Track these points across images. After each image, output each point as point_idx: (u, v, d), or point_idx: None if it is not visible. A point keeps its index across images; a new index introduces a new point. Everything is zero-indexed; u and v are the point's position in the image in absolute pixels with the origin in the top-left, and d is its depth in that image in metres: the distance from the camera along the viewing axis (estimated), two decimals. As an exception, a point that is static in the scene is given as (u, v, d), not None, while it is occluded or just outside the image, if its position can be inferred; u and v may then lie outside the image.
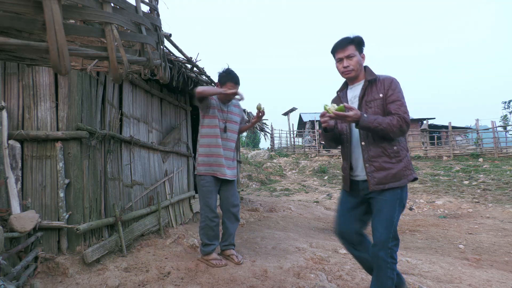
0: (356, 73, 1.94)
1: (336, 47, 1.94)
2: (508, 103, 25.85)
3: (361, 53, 1.95)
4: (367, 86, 1.92)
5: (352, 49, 1.90)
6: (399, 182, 1.81)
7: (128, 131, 3.37)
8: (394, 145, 1.84)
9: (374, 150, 1.85)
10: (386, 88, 1.86)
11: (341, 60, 1.93)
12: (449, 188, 10.24)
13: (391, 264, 1.83)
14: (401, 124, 1.74)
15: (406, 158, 1.87)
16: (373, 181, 1.83)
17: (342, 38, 1.93)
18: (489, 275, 3.00)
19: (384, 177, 1.81)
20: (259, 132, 9.04)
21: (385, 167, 1.82)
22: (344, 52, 1.91)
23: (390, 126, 1.73)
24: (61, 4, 0.66)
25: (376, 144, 1.85)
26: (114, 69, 0.82)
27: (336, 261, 3.10)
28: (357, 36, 1.92)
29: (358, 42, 1.92)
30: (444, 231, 5.62)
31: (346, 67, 1.92)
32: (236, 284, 2.41)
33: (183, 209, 4.57)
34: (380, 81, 1.90)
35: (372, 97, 1.89)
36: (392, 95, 1.84)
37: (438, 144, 20.63)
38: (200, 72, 4.12)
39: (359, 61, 1.92)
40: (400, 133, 1.78)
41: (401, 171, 1.83)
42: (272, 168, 15.64)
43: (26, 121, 2.57)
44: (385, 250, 1.81)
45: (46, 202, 2.53)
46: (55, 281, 2.24)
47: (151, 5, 1.02)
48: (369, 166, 1.86)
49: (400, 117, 1.75)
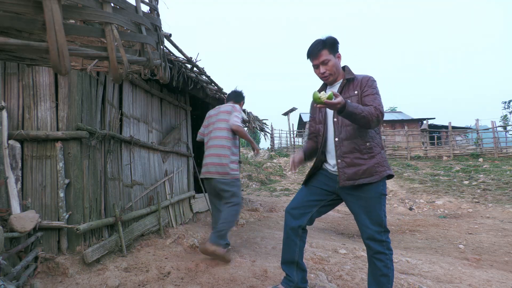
0: (334, 76, 1.98)
1: (309, 54, 1.95)
2: (508, 103, 25.86)
3: (336, 54, 1.95)
4: (344, 84, 1.96)
5: (326, 53, 1.90)
6: (370, 178, 1.82)
7: (128, 131, 3.37)
8: (367, 141, 1.87)
9: (346, 146, 1.88)
10: (363, 85, 1.90)
11: (317, 66, 1.96)
12: (449, 188, 10.25)
13: (390, 255, 1.86)
14: (378, 114, 1.77)
15: (380, 154, 1.89)
16: (343, 177, 1.86)
17: (314, 44, 1.92)
18: (489, 275, 3.00)
19: (355, 173, 1.84)
20: (259, 132, 9.04)
21: (356, 163, 1.85)
22: (318, 58, 1.92)
23: (370, 114, 1.74)
24: (61, 4, 0.66)
25: (349, 140, 1.88)
26: (114, 69, 0.82)
27: (336, 261, 3.10)
28: (328, 38, 1.91)
29: (331, 44, 1.91)
30: (444, 231, 5.62)
31: (323, 73, 1.95)
32: (236, 284, 2.41)
33: (183, 209, 4.56)
34: (358, 80, 1.94)
35: (348, 94, 1.92)
36: (367, 90, 1.88)
37: (438, 144, 20.64)
38: (200, 72, 4.12)
39: (335, 64, 1.94)
40: (377, 122, 1.79)
41: (373, 167, 1.84)
42: (272, 168, 15.65)
43: (26, 121, 2.57)
44: (380, 243, 1.84)
45: (46, 202, 2.53)
46: (55, 281, 2.24)
47: (151, 5, 1.02)
48: (340, 162, 1.88)
49: (376, 108, 1.78)
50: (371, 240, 1.85)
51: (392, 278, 1.86)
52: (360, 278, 2.62)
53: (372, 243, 1.85)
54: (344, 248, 3.69)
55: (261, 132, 8.69)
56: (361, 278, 2.62)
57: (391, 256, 1.87)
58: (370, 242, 1.86)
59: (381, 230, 1.84)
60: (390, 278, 1.84)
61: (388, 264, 1.84)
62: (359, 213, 1.89)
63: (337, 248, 3.70)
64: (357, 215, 1.91)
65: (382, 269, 1.83)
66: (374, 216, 1.84)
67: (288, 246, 2.08)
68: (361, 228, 1.90)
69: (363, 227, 1.88)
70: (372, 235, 1.84)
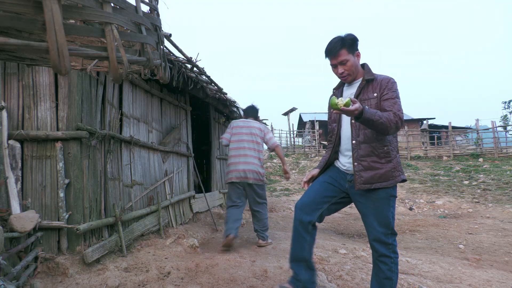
0: (353, 76, 1.92)
1: (328, 53, 1.88)
2: (508, 103, 25.86)
3: (355, 53, 1.89)
4: (364, 85, 1.89)
5: (345, 53, 1.84)
6: (387, 182, 1.80)
7: (128, 131, 3.37)
8: (384, 145, 1.83)
9: (364, 149, 1.83)
10: (383, 88, 1.83)
11: (335, 66, 1.90)
12: (449, 188, 10.24)
13: (395, 259, 1.84)
14: (397, 120, 1.72)
15: (396, 159, 1.86)
16: (359, 180, 1.82)
17: (333, 42, 1.85)
18: (489, 275, 3.00)
19: (372, 177, 1.80)
20: (259, 132, 9.04)
21: (374, 166, 1.81)
22: (337, 58, 1.86)
23: (389, 121, 1.69)
24: (61, 4, 0.66)
25: (367, 143, 1.83)
26: (114, 69, 0.82)
27: (336, 261, 3.10)
28: (347, 36, 1.84)
29: (350, 43, 1.84)
30: (444, 231, 5.62)
31: (341, 73, 1.89)
32: (236, 284, 2.41)
33: (183, 209, 4.56)
34: (378, 81, 1.87)
35: (367, 96, 1.86)
36: (387, 94, 1.82)
37: (438, 144, 20.64)
38: (200, 72, 4.12)
39: (353, 64, 1.87)
40: (396, 129, 1.76)
41: (389, 172, 1.81)
42: (272, 168, 15.65)
43: (26, 121, 2.57)
44: (386, 246, 1.81)
45: (46, 202, 2.53)
46: (55, 281, 2.24)
47: (151, 5, 1.02)
48: (357, 165, 1.84)
49: (395, 114, 1.73)
50: (377, 242, 1.82)
51: (396, 282, 1.84)
52: (360, 278, 2.62)
53: (378, 245, 1.82)
54: (344, 248, 3.69)
55: (261, 132, 8.68)
56: (361, 278, 2.61)
57: (396, 259, 1.84)
58: (376, 244, 1.83)
59: (388, 232, 1.82)
60: (393, 281, 1.82)
61: (392, 267, 1.82)
62: (367, 214, 1.86)
63: (337, 248, 3.70)
64: (365, 216, 1.88)
65: (386, 272, 1.81)
66: (382, 218, 1.81)
67: (297, 242, 2.00)
68: (368, 229, 1.87)
69: (369, 228, 1.85)
70: (379, 237, 1.81)
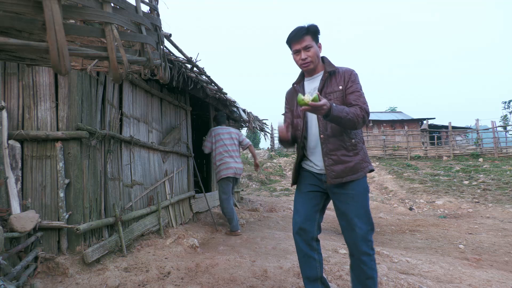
0: (315, 64, 1.89)
1: (292, 38, 1.86)
2: (508, 103, 25.85)
3: (317, 43, 1.88)
4: (327, 77, 1.87)
5: (309, 39, 1.83)
6: (356, 175, 1.80)
7: (128, 131, 3.37)
8: (352, 138, 1.83)
9: (332, 143, 1.82)
10: (346, 80, 1.83)
11: (298, 52, 1.87)
12: (449, 188, 10.24)
13: (373, 256, 1.81)
14: (363, 114, 1.73)
15: (363, 150, 1.86)
16: (331, 175, 1.81)
17: (297, 28, 1.85)
18: (489, 275, 3.00)
19: (342, 170, 1.79)
20: (259, 132, 9.04)
21: (343, 160, 1.80)
22: (301, 43, 1.84)
23: (356, 116, 1.69)
24: (61, 4, 0.66)
25: (335, 137, 1.82)
26: (114, 69, 0.82)
27: (336, 261, 3.10)
28: (312, 25, 1.85)
29: (314, 31, 1.84)
30: (444, 231, 5.62)
31: (304, 59, 1.86)
32: (236, 284, 2.41)
33: (183, 209, 4.56)
34: (340, 73, 1.87)
35: (331, 89, 1.84)
36: (351, 86, 1.82)
37: (438, 144, 20.65)
38: (200, 72, 4.12)
39: (316, 52, 1.86)
40: (363, 123, 1.75)
41: (358, 164, 1.81)
42: (272, 168, 15.64)
43: (26, 121, 2.57)
44: (367, 243, 1.78)
45: (46, 202, 2.53)
46: (55, 281, 2.24)
47: (151, 5, 1.02)
48: (327, 160, 1.82)
49: (361, 108, 1.73)
50: (360, 240, 1.77)
51: (377, 279, 1.81)
52: (360, 278, 2.61)
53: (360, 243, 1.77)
54: (344, 248, 3.69)
55: (261, 132, 8.69)
56: (361, 278, 2.61)
57: (374, 256, 1.82)
58: (359, 242, 1.77)
59: (370, 228, 1.80)
60: (375, 279, 1.79)
61: (373, 265, 1.79)
62: (348, 212, 1.81)
63: (337, 248, 3.71)
64: (345, 215, 1.82)
65: (367, 271, 1.77)
66: (363, 214, 1.79)
67: (307, 264, 1.93)
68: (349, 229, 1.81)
69: (351, 227, 1.80)
70: (363, 234, 1.77)
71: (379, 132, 21.95)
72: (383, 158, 17.47)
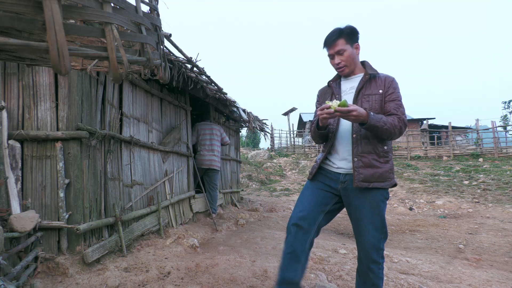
0: (350, 68, 1.83)
1: (325, 43, 1.82)
2: (508, 103, 25.85)
3: (354, 45, 1.81)
4: (367, 80, 1.82)
5: (342, 43, 1.77)
6: (384, 183, 1.73)
7: (128, 131, 3.37)
8: (384, 145, 1.77)
9: (365, 145, 1.75)
10: (387, 86, 1.79)
11: (332, 56, 1.83)
12: (449, 188, 10.24)
13: (382, 265, 1.78)
14: (401, 126, 1.69)
15: (391, 161, 1.81)
16: (358, 177, 1.72)
17: (331, 32, 1.79)
18: (489, 275, 3.00)
19: (371, 175, 1.71)
20: (259, 132, 9.04)
21: (374, 164, 1.73)
22: (334, 48, 1.79)
23: (393, 127, 1.65)
24: (61, 4, 0.66)
25: (368, 140, 1.74)
26: (114, 69, 0.82)
27: (336, 261, 3.10)
28: (347, 27, 1.78)
29: (348, 34, 1.78)
30: (444, 231, 5.62)
31: (338, 64, 1.82)
32: (236, 284, 2.41)
33: (183, 209, 4.56)
34: (381, 78, 1.82)
35: (371, 91, 1.79)
36: (392, 93, 1.77)
37: (438, 144, 20.65)
38: (200, 72, 4.12)
39: (351, 55, 1.80)
40: (399, 134, 1.71)
41: (387, 172, 1.74)
42: (272, 168, 15.64)
43: (26, 121, 2.57)
44: (378, 252, 1.73)
45: (46, 202, 2.53)
46: (55, 281, 2.24)
47: (151, 5, 1.02)
48: (357, 161, 1.74)
49: (400, 118, 1.69)
50: (372, 248, 1.72)
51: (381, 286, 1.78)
52: (360, 278, 2.61)
53: (371, 251, 1.72)
54: (344, 248, 3.69)
55: (261, 132, 8.68)
56: (361, 278, 2.61)
57: (383, 265, 1.78)
58: (370, 250, 1.73)
59: (383, 237, 1.75)
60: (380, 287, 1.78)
61: (380, 274, 1.75)
62: (361, 217, 1.74)
63: (337, 248, 3.71)
64: (359, 220, 1.76)
65: (373, 279, 1.74)
66: (378, 221, 1.73)
67: (291, 264, 1.76)
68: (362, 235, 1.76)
69: (364, 233, 1.74)
70: (374, 242, 1.72)
71: (379, 132, 21.93)
72: (383, 158, 17.44)
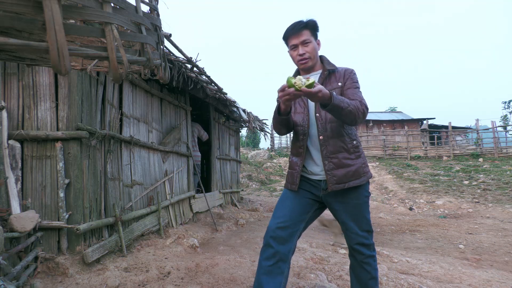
0: (313, 62, 1.77)
1: (289, 32, 1.75)
2: (508, 103, 25.84)
3: (316, 39, 1.78)
4: (326, 76, 1.78)
5: (307, 34, 1.72)
6: (359, 180, 1.68)
7: (128, 131, 3.37)
8: (353, 140, 1.73)
9: (333, 145, 1.69)
10: (346, 78, 1.76)
11: (295, 47, 1.75)
12: (449, 188, 10.24)
13: (375, 256, 1.79)
14: (363, 109, 1.64)
15: (363, 154, 1.77)
16: (332, 180, 1.66)
17: (295, 22, 1.74)
18: (489, 275, 3.00)
19: (344, 175, 1.66)
20: (259, 132, 9.04)
21: (345, 163, 1.68)
22: (299, 37, 1.72)
23: (356, 109, 1.58)
24: (61, 4, 0.66)
25: (335, 138, 1.70)
26: (114, 69, 0.82)
27: (336, 261, 3.10)
28: (311, 20, 1.75)
29: (313, 26, 1.74)
30: (444, 231, 5.62)
31: (302, 55, 1.74)
32: (236, 284, 2.41)
33: (183, 209, 4.57)
34: (339, 71, 1.80)
35: (331, 86, 1.74)
36: (351, 83, 1.75)
37: (438, 144, 20.65)
38: (200, 72, 4.12)
39: (315, 48, 1.76)
40: (363, 118, 1.66)
41: (361, 168, 1.70)
42: (272, 168, 15.64)
43: (26, 121, 2.57)
44: (368, 247, 1.76)
45: (46, 202, 2.53)
46: (55, 281, 2.24)
47: (151, 5, 1.02)
48: (328, 163, 1.68)
49: (361, 102, 1.65)
50: (361, 246, 1.74)
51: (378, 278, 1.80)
52: (360, 278, 2.61)
53: (362, 248, 1.74)
54: (344, 248, 3.68)
55: (261, 132, 8.68)
56: (361, 278, 2.61)
57: (376, 256, 1.80)
58: (360, 247, 1.74)
59: (369, 235, 1.76)
60: (377, 279, 1.79)
61: (375, 265, 1.77)
62: (347, 221, 1.73)
63: (337, 248, 3.70)
64: (345, 223, 1.75)
65: (371, 272, 1.75)
66: (363, 222, 1.73)
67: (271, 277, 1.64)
68: (350, 236, 1.76)
69: (352, 234, 1.75)
70: (362, 241, 1.74)
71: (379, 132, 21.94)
72: (383, 158, 17.48)
